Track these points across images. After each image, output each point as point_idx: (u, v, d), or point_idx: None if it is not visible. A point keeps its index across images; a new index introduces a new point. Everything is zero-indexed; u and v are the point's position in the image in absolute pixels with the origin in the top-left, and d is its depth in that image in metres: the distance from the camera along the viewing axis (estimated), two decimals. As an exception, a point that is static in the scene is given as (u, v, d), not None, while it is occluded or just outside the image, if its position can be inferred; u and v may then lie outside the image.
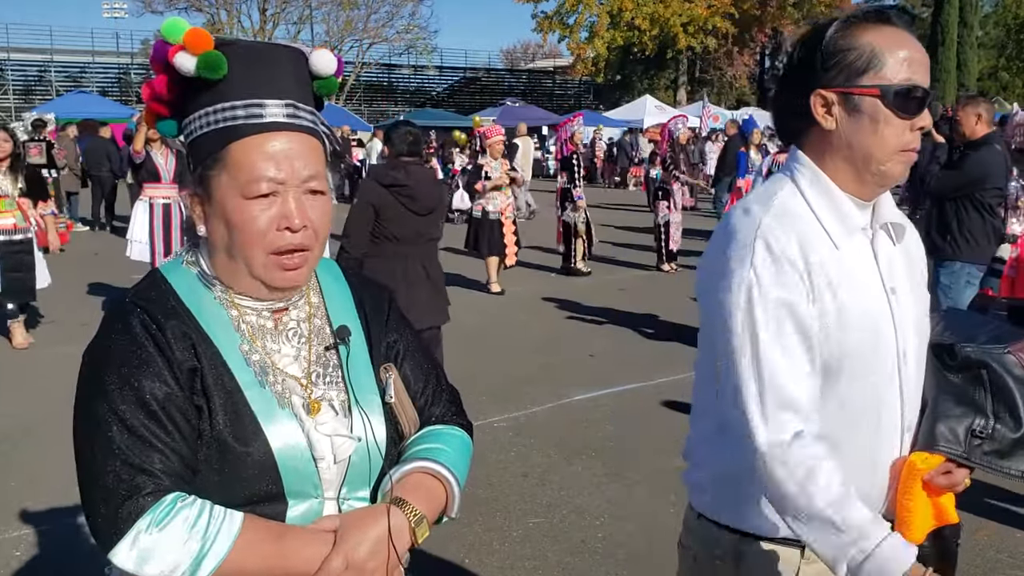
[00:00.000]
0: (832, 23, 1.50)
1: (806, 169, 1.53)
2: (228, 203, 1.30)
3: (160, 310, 1.32)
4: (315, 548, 1.27)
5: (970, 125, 5.49)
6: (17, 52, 35.01)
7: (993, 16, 43.78)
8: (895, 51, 1.45)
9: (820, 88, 1.48)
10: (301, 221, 1.31)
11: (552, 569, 3.73)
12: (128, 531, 1.19)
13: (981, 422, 1.52)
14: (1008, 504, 4.27)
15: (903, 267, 1.56)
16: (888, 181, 1.50)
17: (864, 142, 1.47)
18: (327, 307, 1.45)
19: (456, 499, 1.42)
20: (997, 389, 1.53)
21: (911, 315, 1.54)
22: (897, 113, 1.44)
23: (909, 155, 1.48)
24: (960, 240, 5.45)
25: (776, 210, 1.48)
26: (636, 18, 36.19)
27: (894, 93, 1.43)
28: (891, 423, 1.52)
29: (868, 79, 1.45)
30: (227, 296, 1.37)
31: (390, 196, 4.70)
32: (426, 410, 1.51)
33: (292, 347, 1.39)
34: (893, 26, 1.47)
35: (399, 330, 1.52)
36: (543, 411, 5.76)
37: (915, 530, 1.53)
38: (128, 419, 1.23)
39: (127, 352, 1.27)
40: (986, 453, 1.51)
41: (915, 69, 1.45)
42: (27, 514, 4.23)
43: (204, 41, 1.28)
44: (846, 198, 1.50)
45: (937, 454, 1.51)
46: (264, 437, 1.29)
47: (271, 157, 1.29)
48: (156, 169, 8.08)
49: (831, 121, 1.48)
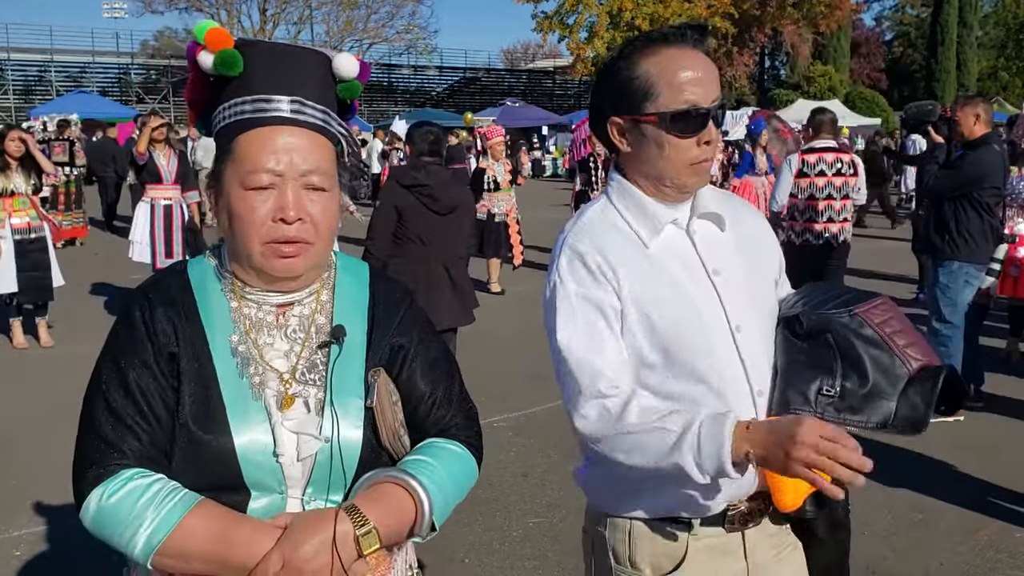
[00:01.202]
0: (619, 52, 1.63)
1: (615, 183, 1.69)
2: (232, 193, 1.35)
3: (159, 297, 1.39)
4: (260, 542, 1.28)
5: (968, 125, 5.50)
6: (17, 52, 35.01)
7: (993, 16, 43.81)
8: (670, 76, 1.55)
9: (612, 116, 1.63)
10: (296, 213, 1.33)
11: (552, 569, 3.74)
12: (87, 497, 1.30)
13: (829, 382, 1.58)
14: (1010, 503, 4.28)
15: (731, 250, 1.66)
16: (686, 191, 1.64)
17: (654, 163, 1.60)
18: (334, 305, 1.46)
19: (426, 517, 1.35)
20: (843, 350, 1.60)
21: (744, 291, 1.64)
22: (678, 135, 1.56)
23: (701, 166, 1.60)
24: (958, 240, 5.45)
25: (581, 224, 1.67)
26: (636, 18, 36.15)
27: (671, 118, 1.55)
28: (739, 391, 1.60)
29: (648, 107, 1.56)
30: (233, 288, 1.41)
31: (411, 197, 4.70)
32: (431, 417, 1.48)
33: (287, 342, 1.41)
34: (671, 46, 1.58)
35: (410, 333, 1.49)
36: (543, 411, 5.77)
37: (787, 495, 1.57)
38: (111, 399, 1.33)
39: (123, 337, 1.37)
40: (839, 410, 1.57)
41: (694, 89, 1.55)
42: (27, 514, 4.24)
43: (222, 39, 1.34)
44: (652, 201, 1.64)
45: None
46: (228, 427, 1.32)
47: (272, 150, 1.33)
48: (158, 170, 8.10)
49: (625, 144, 1.64)
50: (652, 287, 1.59)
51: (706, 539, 1.64)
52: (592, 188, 10.73)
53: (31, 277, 7.16)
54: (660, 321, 1.58)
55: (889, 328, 1.63)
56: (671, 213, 1.64)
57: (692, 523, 1.64)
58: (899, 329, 1.64)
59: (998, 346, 6.90)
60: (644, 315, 1.58)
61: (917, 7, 41.23)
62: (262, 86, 1.35)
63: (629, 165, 1.67)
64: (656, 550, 1.66)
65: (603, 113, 1.65)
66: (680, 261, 1.63)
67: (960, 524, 4.10)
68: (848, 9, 37.60)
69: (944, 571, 3.71)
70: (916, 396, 1.55)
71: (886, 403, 1.57)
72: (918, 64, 45.53)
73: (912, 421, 1.55)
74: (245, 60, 1.35)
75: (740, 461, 1.44)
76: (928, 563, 3.76)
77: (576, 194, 11.00)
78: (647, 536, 1.66)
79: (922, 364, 1.59)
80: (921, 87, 40.06)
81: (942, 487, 4.47)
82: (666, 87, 1.55)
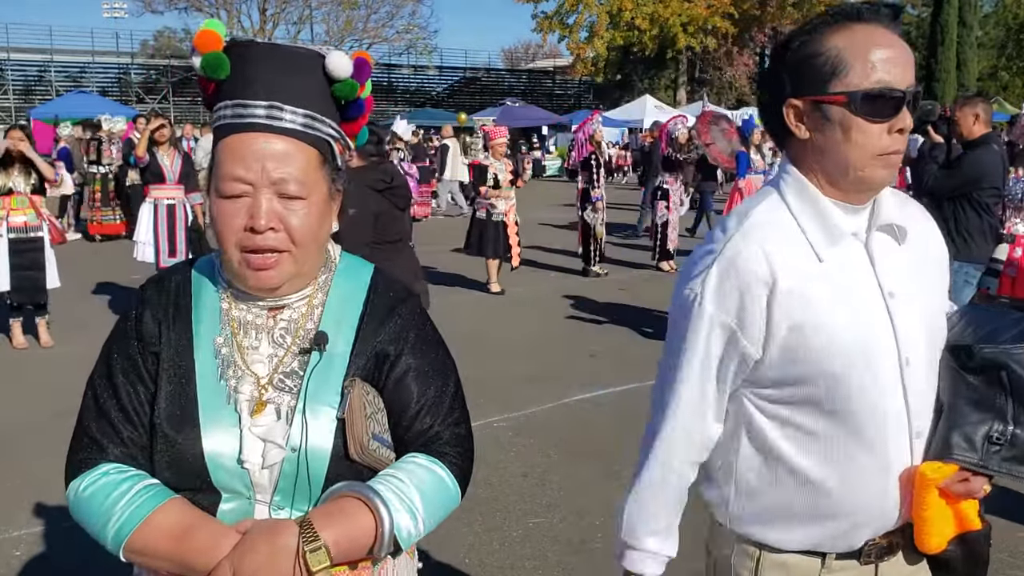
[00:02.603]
0: (802, 28, 1.45)
1: (791, 178, 1.49)
2: (212, 199, 1.35)
3: (153, 297, 1.40)
4: (219, 545, 1.27)
5: (968, 125, 5.50)
6: (17, 52, 34.95)
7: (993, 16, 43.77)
8: (863, 53, 1.38)
9: (790, 97, 1.44)
10: (267, 223, 1.30)
11: (552, 569, 3.74)
12: (68, 486, 1.36)
13: (1000, 427, 1.44)
14: (1010, 503, 4.27)
15: (909, 269, 1.49)
16: (871, 186, 1.45)
17: (838, 151, 1.41)
18: (324, 312, 1.42)
19: (385, 536, 1.28)
20: (1018, 391, 1.45)
21: (918, 318, 1.47)
22: (868, 119, 1.38)
23: (890, 159, 1.41)
24: (958, 240, 5.45)
25: (748, 225, 1.46)
26: (636, 18, 36.16)
27: (862, 98, 1.37)
28: (898, 432, 1.46)
29: (834, 86, 1.39)
30: (228, 290, 1.41)
31: (384, 201, 4.72)
32: (413, 428, 1.41)
33: (272, 346, 1.39)
34: (865, 23, 1.40)
35: (399, 341, 1.42)
36: (543, 411, 5.77)
37: (933, 538, 1.49)
38: (99, 396, 1.38)
39: (116, 335, 1.42)
40: (1005, 459, 1.44)
41: (889, 69, 1.37)
42: (27, 514, 4.24)
43: (211, 42, 1.32)
44: (832, 205, 1.45)
45: (951, 463, 1.45)
46: (199, 430, 1.32)
47: (242, 157, 1.31)
48: (161, 170, 8.10)
49: (803, 131, 1.45)
50: (817, 310, 1.40)
51: (839, 572, 1.52)
52: (593, 187, 10.74)
53: (25, 276, 7.13)
54: (822, 349, 1.40)
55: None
56: (852, 222, 1.46)
57: (826, 557, 1.52)
58: None
59: (998, 346, 6.89)
60: (802, 339, 1.41)
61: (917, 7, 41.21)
62: (242, 91, 1.32)
63: (805, 156, 1.46)
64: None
65: (778, 96, 1.46)
66: (854, 280, 1.44)
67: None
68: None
69: (944, 571, 3.71)
70: None
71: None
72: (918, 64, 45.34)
73: None
74: (232, 63, 1.32)
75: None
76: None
77: (581, 192, 11.03)
78: (777, 566, 1.54)
79: None
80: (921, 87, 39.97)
81: (942, 487, 4.46)
82: (858, 63, 1.37)
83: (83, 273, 10.08)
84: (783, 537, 1.53)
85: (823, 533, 1.51)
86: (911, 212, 1.56)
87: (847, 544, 1.51)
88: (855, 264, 1.45)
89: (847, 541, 1.51)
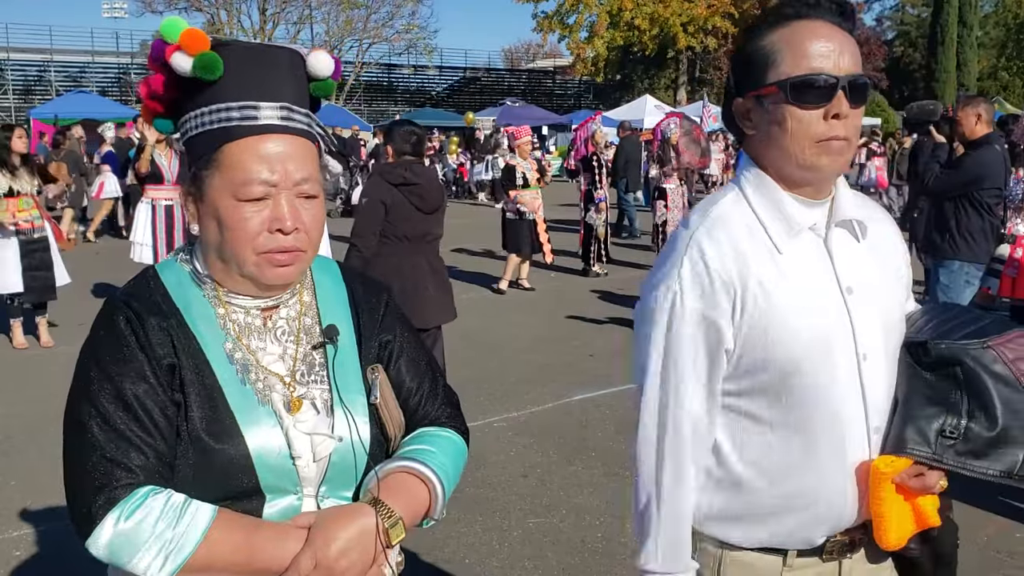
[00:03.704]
0: (749, 26, 1.50)
1: (750, 174, 1.52)
2: (221, 203, 1.31)
3: (144, 307, 1.34)
4: (286, 545, 1.28)
5: (970, 125, 5.50)
6: (17, 52, 34.96)
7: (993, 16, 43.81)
8: (797, 44, 1.41)
9: (736, 97, 1.49)
10: (293, 223, 1.32)
11: (552, 569, 3.74)
12: (100, 522, 1.23)
13: (953, 422, 1.45)
14: (1010, 503, 4.27)
15: (868, 266, 1.50)
16: (817, 175, 1.45)
17: (779, 141, 1.44)
18: (319, 306, 1.46)
19: (440, 501, 1.40)
20: (972, 387, 1.46)
21: (876, 314, 1.48)
22: (800, 105, 1.40)
23: (830, 145, 1.41)
24: (959, 239, 5.45)
25: (713, 218, 1.48)
26: (636, 18, 36.16)
27: (791, 86, 1.40)
28: (855, 427, 1.47)
29: (769, 77, 1.42)
30: (216, 294, 1.38)
31: (400, 194, 4.68)
32: (420, 411, 1.50)
33: (279, 345, 1.40)
34: (805, 19, 1.43)
35: (393, 329, 1.51)
36: (543, 411, 5.77)
37: (891, 534, 1.48)
38: (108, 415, 1.26)
39: (110, 349, 1.31)
40: (959, 453, 1.45)
41: (822, 57, 1.40)
42: (27, 514, 4.24)
43: (200, 42, 1.29)
44: (790, 198, 1.47)
45: (904, 457, 1.45)
46: (240, 434, 1.30)
47: (264, 160, 1.30)
48: (159, 171, 8.08)
49: (751, 127, 1.49)
50: (777, 303, 1.41)
51: (801, 570, 1.53)
52: (595, 187, 10.75)
53: (35, 276, 7.21)
54: (780, 342, 1.42)
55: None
56: (810, 216, 1.47)
57: (787, 554, 1.52)
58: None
59: (998, 346, 6.89)
60: (761, 332, 1.42)
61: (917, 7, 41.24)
62: (247, 91, 1.31)
63: (758, 152, 1.50)
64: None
65: (730, 94, 1.51)
66: (813, 275, 1.45)
67: (960, 524, 4.08)
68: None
69: (944, 571, 3.70)
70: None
71: (1014, 451, 1.43)
72: (918, 64, 45.49)
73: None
74: (226, 63, 1.31)
75: None
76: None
77: (584, 193, 11.02)
78: (739, 566, 1.54)
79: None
80: (921, 87, 40.01)
81: (942, 487, 4.46)
82: (789, 54, 1.40)
83: (84, 273, 10.08)
84: (745, 535, 1.53)
85: (783, 529, 1.51)
86: (870, 211, 1.58)
87: (807, 540, 1.52)
88: (814, 259, 1.47)
89: (807, 537, 1.51)
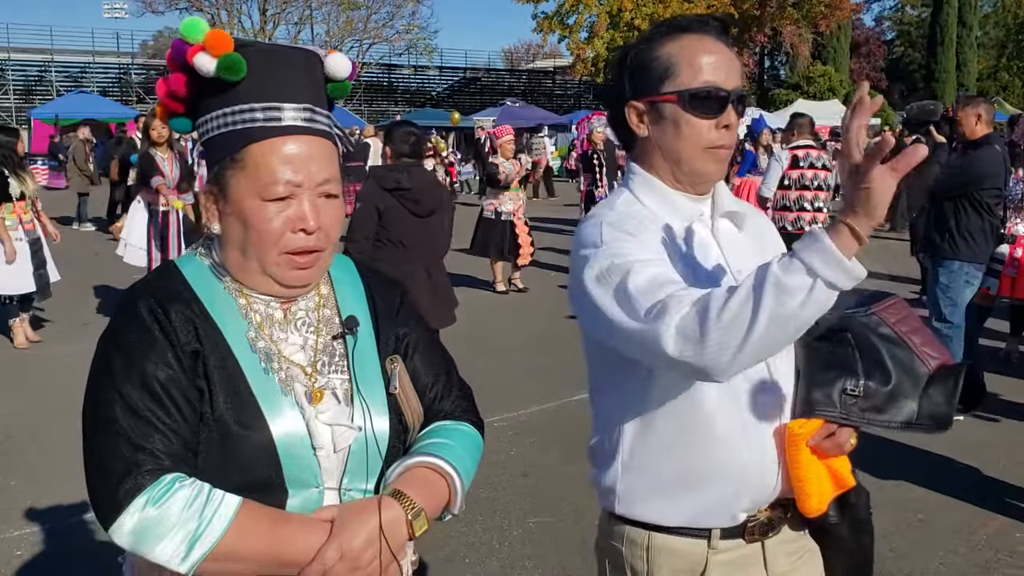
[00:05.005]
0: (639, 38, 1.63)
1: (638, 176, 1.64)
2: (245, 203, 1.33)
3: (167, 295, 1.35)
4: (311, 537, 1.28)
5: (970, 125, 5.50)
6: (17, 52, 34.97)
7: (993, 16, 43.82)
8: (691, 58, 1.55)
9: (631, 100, 1.60)
10: (316, 223, 1.34)
11: (552, 569, 3.74)
12: (126, 508, 1.22)
13: (853, 381, 1.56)
14: (1010, 503, 4.28)
15: (752, 251, 1.62)
16: (703, 178, 1.59)
17: (671, 145, 1.57)
18: (337, 297, 1.48)
19: (459, 495, 1.42)
20: (863, 348, 1.58)
21: None
22: (696, 115, 1.54)
23: (718, 152, 1.56)
24: (959, 239, 5.45)
25: (617, 212, 1.59)
26: (636, 18, 36.11)
27: (690, 97, 1.53)
28: (763, 396, 1.55)
29: (667, 87, 1.55)
30: (237, 286, 1.40)
31: (393, 199, 4.67)
32: (435, 405, 1.52)
33: (300, 336, 1.42)
34: (693, 34, 1.57)
35: (409, 323, 1.54)
36: (543, 411, 5.78)
37: (812, 499, 1.55)
38: (131, 400, 1.26)
39: (133, 336, 1.31)
40: (864, 410, 1.55)
41: (714, 71, 1.54)
42: (28, 513, 4.24)
43: (225, 43, 1.31)
44: (677, 194, 1.61)
45: (815, 419, 1.54)
46: (265, 422, 1.31)
47: (289, 160, 1.33)
48: (160, 174, 8.05)
49: (644, 129, 1.61)
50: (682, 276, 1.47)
51: (725, 552, 1.61)
52: (596, 186, 10.75)
53: (38, 276, 7.32)
54: None
55: (905, 327, 1.62)
56: (697, 207, 1.62)
57: (712, 536, 1.60)
58: (915, 328, 1.63)
59: (998, 346, 6.90)
60: None
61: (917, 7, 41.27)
62: (267, 92, 1.33)
63: (646, 153, 1.63)
64: (675, 565, 1.62)
65: (620, 98, 1.62)
66: (706, 258, 1.58)
67: (960, 523, 4.10)
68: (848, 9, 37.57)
69: (943, 571, 3.71)
70: (938, 395, 1.55)
71: (909, 402, 1.56)
72: (918, 64, 45.53)
73: (937, 420, 1.55)
74: (249, 64, 1.32)
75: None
76: (928, 562, 3.76)
77: (584, 194, 11.02)
78: (665, 550, 1.62)
79: (940, 363, 1.59)
80: (921, 87, 40.06)
81: (942, 487, 4.47)
82: (687, 67, 1.54)
83: (82, 273, 10.08)
84: (667, 511, 1.60)
85: (703, 502, 1.58)
86: (743, 206, 1.71)
87: (729, 516, 1.58)
88: (705, 245, 1.59)
89: (728, 512, 1.58)
